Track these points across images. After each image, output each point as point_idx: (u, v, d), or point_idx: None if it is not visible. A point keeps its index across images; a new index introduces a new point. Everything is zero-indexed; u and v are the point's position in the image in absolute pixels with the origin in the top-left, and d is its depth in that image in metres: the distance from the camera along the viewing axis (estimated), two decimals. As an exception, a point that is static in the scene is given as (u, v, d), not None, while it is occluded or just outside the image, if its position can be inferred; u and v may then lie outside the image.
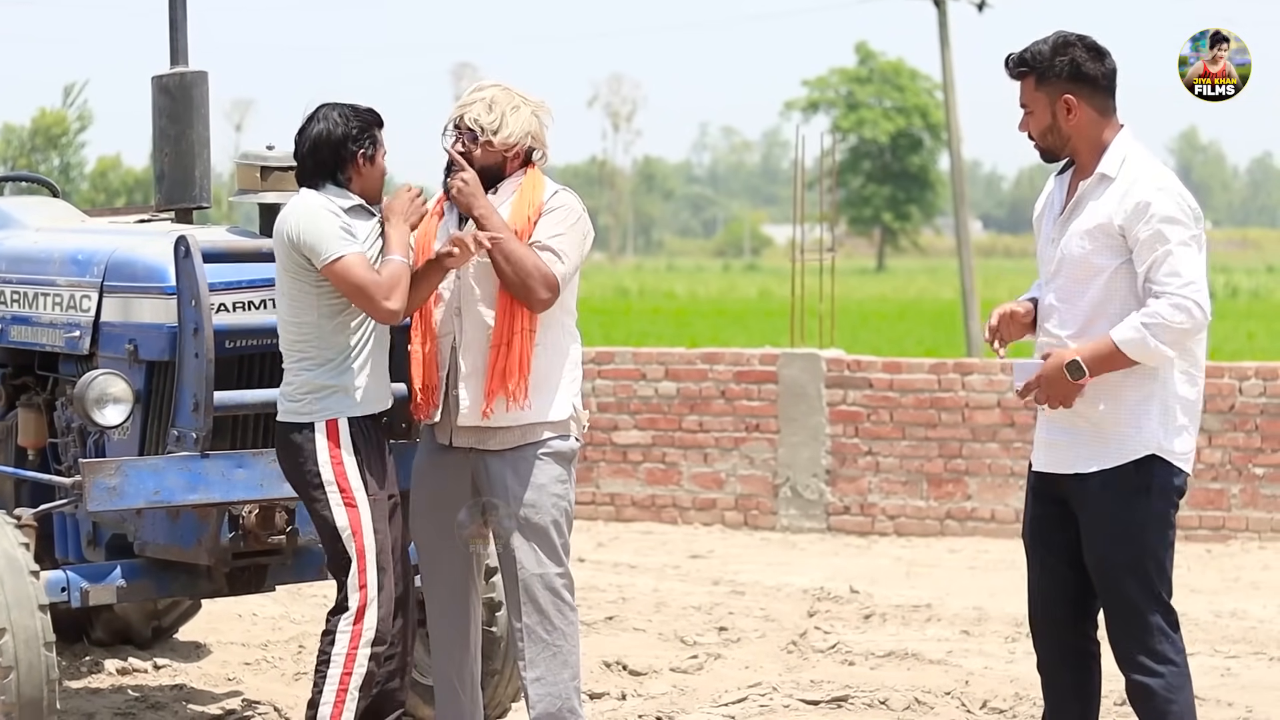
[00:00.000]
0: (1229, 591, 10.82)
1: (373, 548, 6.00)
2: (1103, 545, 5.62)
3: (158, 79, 7.10)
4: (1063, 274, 5.65)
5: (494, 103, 6.17)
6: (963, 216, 28.47)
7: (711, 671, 8.55)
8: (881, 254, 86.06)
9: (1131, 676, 5.64)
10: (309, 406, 5.99)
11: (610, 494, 13.34)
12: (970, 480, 12.65)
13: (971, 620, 9.85)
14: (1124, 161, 5.62)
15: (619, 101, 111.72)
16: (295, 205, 6.02)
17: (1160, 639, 5.61)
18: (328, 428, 5.98)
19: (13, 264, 7.02)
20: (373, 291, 5.87)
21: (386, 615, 6.03)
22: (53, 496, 6.60)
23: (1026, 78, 5.66)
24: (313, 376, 5.99)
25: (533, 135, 6.21)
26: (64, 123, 59.43)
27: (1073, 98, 5.62)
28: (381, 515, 6.04)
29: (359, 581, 6.00)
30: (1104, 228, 5.58)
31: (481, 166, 6.18)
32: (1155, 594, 5.62)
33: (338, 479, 5.98)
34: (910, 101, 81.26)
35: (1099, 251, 5.59)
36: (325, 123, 6.05)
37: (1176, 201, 5.56)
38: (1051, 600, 5.82)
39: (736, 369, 13.09)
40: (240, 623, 9.43)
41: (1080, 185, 5.67)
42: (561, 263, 6.08)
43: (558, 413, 6.19)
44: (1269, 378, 12.24)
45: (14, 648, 5.97)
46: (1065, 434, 5.67)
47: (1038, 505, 5.82)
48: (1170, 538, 5.67)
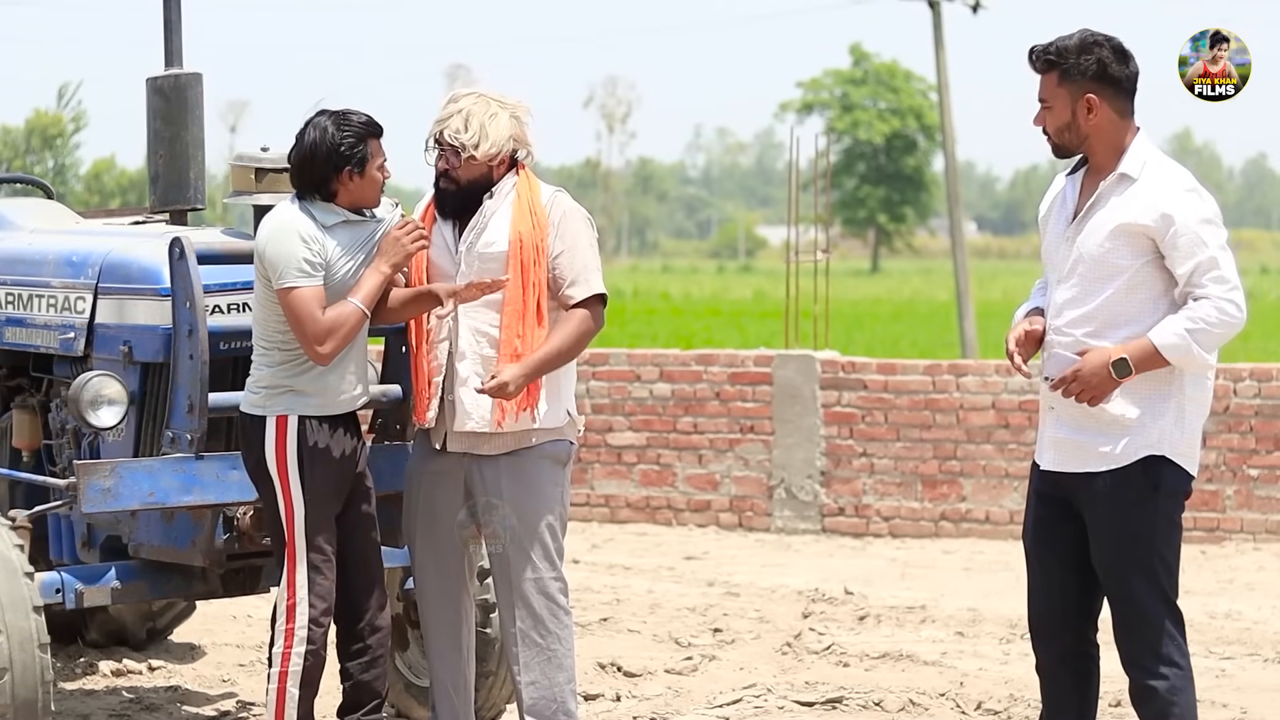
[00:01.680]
0: (1224, 593, 10.82)
1: (304, 546, 6.06)
2: (1110, 547, 5.61)
3: (152, 80, 7.09)
4: (1078, 273, 5.63)
5: (470, 116, 6.13)
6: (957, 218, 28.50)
7: (706, 673, 8.55)
8: (876, 255, 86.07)
9: (1134, 676, 5.63)
10: (264, 400, 6.07)
11: (605, 495, 13.34)
12: (965, 481, 12.66)
13: (966, 621, 9.85)
14: (1145, 164, 5.60)
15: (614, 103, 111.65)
16: (270, 220, 6.07)
17: (1166, 641, 5.60)
18: (277, 423, 6.05)
19: (7, 266, 7.01)
20: (309, 330, 5.93)
21: (320, 612, 6.08)
22: (47, 498, 6.59)
23: (1050, 72, 5.63)
24: (271, 374, 6.07)
25: (514, 138, 6.19)
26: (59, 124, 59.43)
27: (1095, 97, 5.59)
28: (322, 515, 6.09)
29: (288, 580, 6.07)
30: (1127, 228, 5.55)
31: (467, 180, 6.18)
32: (1163, 596, 5.61)
33: (279, 474, 6.05)
34: (905, 103, 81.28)
35: (1119, 251, 5.57)
36: (315, 132, 6.05)
37: (1209, 203, 5.58)
38: (1052, 603, 5.81)
39: (731, 370, 13.09)
40: (235, 624, 9.43)
41: (1099, 185, 5.64)
42: (594, 275, 6.13)
43: (554, 419, 6.20)
44: (1263, 379, 12.25)
45: (9, 649, 5.96)
46: (1074, 432, 5.65)
47: (1041, 507, 5.80)
48: (1177, 540, 5.67)
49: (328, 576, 6.10)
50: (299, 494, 6.05)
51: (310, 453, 6.05)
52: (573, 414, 6.26)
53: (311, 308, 5.93)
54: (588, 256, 6.15)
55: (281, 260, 5.95)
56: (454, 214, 6.21)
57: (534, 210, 6.13)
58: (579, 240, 6.16)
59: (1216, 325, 5.48)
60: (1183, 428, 5.61)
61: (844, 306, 37.90)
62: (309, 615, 6.07)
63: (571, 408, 6.26)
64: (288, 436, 6.04)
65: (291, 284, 5.93)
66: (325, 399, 6.08)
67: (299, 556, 6.06)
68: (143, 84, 7.11)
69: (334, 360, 6.03)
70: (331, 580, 6.12)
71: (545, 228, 6.12)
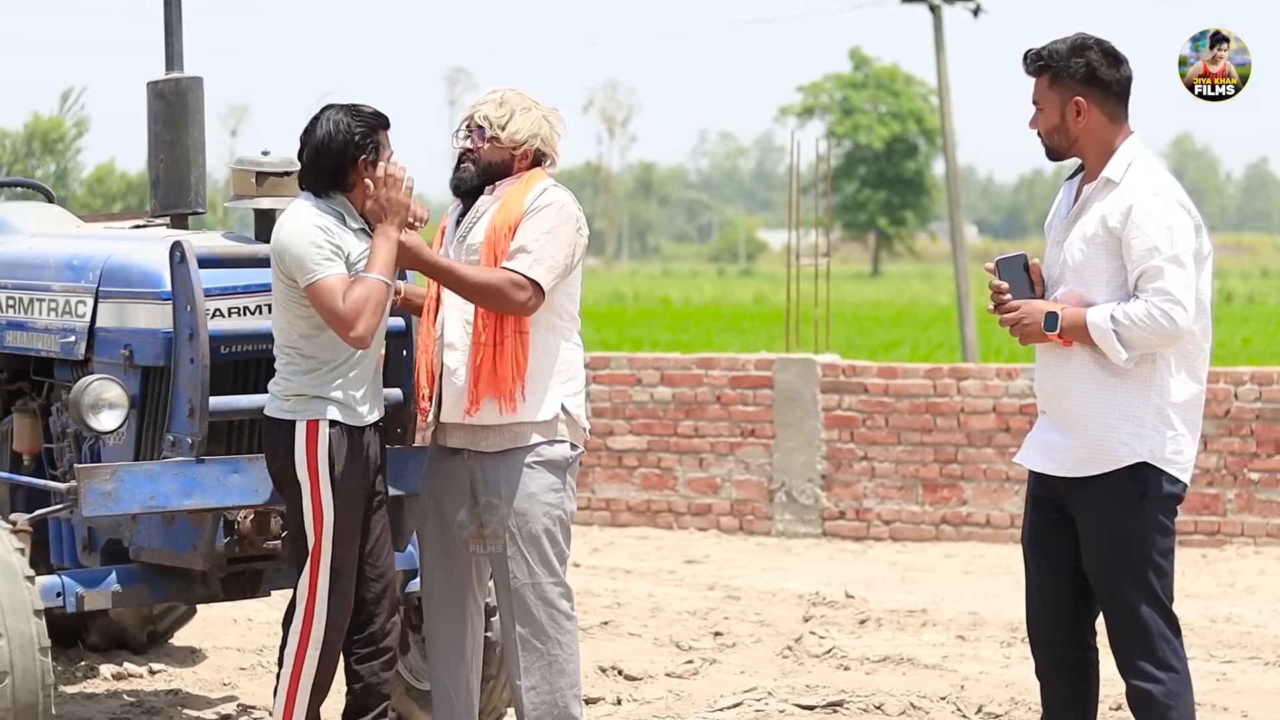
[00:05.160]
0: (1224, 596, 10.82)
1: (329, 552, 6.04)
2: (1101, 552, 5.61)
3: (153, 84, 7.09)
4: (1067, 278, 5.66)
5: (504, 101, 6.21)
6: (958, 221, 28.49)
7: (707, 676, 8.55)
8: (877, 259, 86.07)
9: (1132, 682, 5.63)
10: (293, 406, 6.04)
11: (606, 499, 13.34)
12: (965, 485, 12.66)
13: (967, 625, 9.85)
14: (1129, 167, 5.61)
15: (614, 107, 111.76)
16: (288, 217, 6.02)
17: (1161, 645, 5.60)
18: (308, 428, 6.02)
19: (8, 269, 7.01)
20: (341, 316, 5.87)
21: (338, 619, 6.07)
22: (48, 502, 6.60)
23: (1042, 75, 5.66)
24: (299, 382, 6.03)
25: (542, 139, 6.21)
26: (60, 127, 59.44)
27: (1083, 100, 5.61)
28: (350, 519, 6.07)
29: (310, 582, 6.05)
30: (1101, 231, 5.58)
31: (488, 163, 6.20)
32: (1156, 600, 5.60)
33: (310, 479, 6.01)
34: (905, 107, 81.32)
35: (1098, 254, 5.59)
36: (328, 126, 6.02)
37: (1177, 212, 5.56)
38: (1051, 607, 5.81)
39: (732, 374, 13.09)
40: (236, 628, 9.43)
41: (1085, 189, 5.67)
42: (532, 258, 6.01)
43: (545, 413, 6.15)
44: (1264, 382, 12.25)
45: (9, 653, 5.96)
46: (1063, 436, 5.67)
47: (1037, 511, 5.81)
48: (1169, 544, 5.65)
49: (349, 581, 6.09)
50: (329, 498, 6.02)
51: (340, 457, 6.03)
52: (573, 414, 6.21)
53: (338, 295, 5.88)
54: (537, 241, 6.04)
55: (306, 254, 5.89)
56: (466, 195, 6.23)
57: (516, 202, 6.11)
58: (540, 226, 6.06)
59: (1144, 328, 5.49)
60: (1167, 434, 5.59)
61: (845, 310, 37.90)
62: (328, 619, 6.05)
63: (572, 406, 6.20)
64: (319, 441, 6.01)
65: (318, 275, 5.88)
66: (353, 405, 6.06)
67: (323, 560, 6.04)
68: (143, 88, 7.11)
69: (354, 369, 6.00)
70: (351, 585, 6.10)
71: (519, 218, 6.09)
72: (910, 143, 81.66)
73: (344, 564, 6.07)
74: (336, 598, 6.06)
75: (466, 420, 6.14)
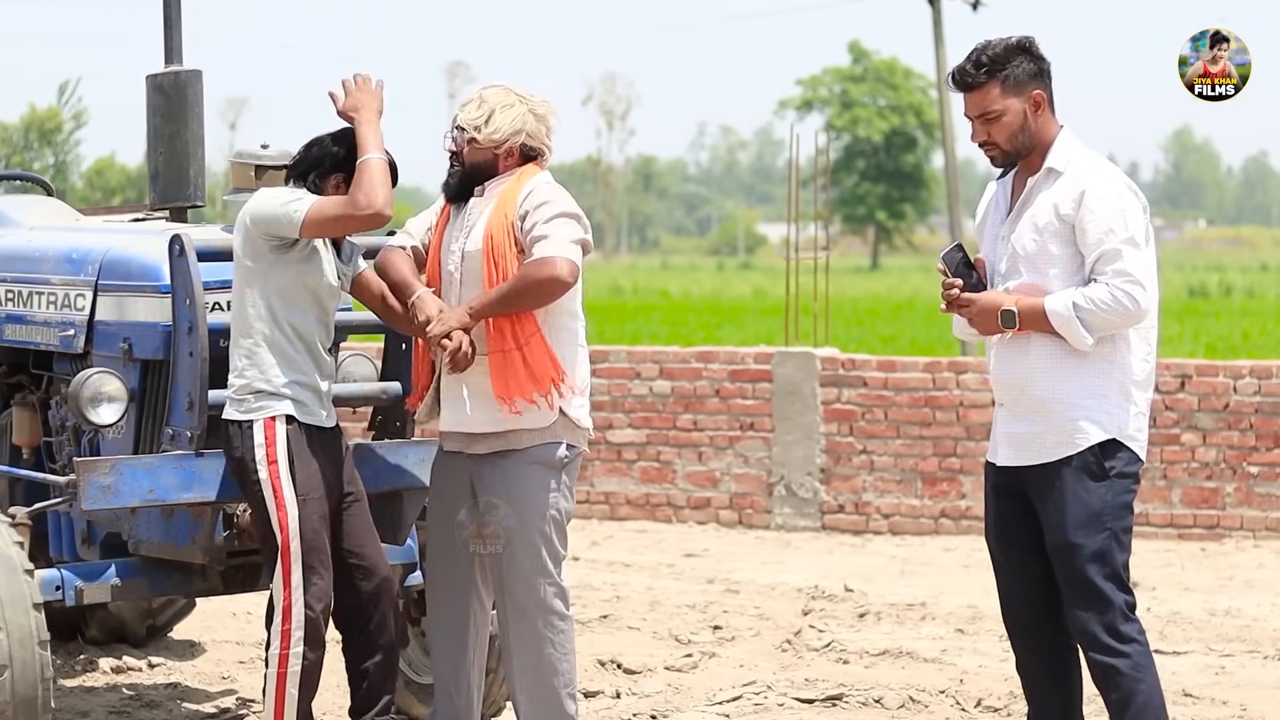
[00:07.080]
0: (1223, 590, 10.83)
1: (298, 547, 6.06)
2: (1067, 530, 5.69)
3: (152, 77, 7.09)
4: (1020, 268, 5.73)
5: (484, 100, 6.16)
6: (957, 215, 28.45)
7: (706, 670, 8.55)
8: (876, 252, 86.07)
9: (1096, 657, 5.69)
10: (249, 406, 6.08)
11: (605, 493, 13.34)
12: (964, 479, 12.66)
13: (966, 619, 9.85)
14: (1071, 158, 5.71)
15: (613, 100, 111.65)
16: (252, 198, 6.13)
17: (1123, 620, 5.69)
18: (265, 425, 6.07)
19: (7, 263, 7.02)
20: (351, 207, 5.94)
21: (318, 613, 6.08)
22: (47, 495, 6.59)
23: (989, 84, 5.69)
24: (254, 381, 6.08)
25: (528, 133, 6.16)
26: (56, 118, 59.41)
27: (1041, 93, 5.70)
28: (316, 514, 6.09)
29: (284, 581, 6.07)
30: (1053, 219, 5.66)
31: (471, 164, 6.17)
32: (1117, 576, 5.70)
33: (270, 478, 6.05)
34: (904, 100, 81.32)
35: (1051, 241, 5.68)
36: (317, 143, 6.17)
37: (1128, 195, 5.66)
38: (1024, 599, 5.90)
39: (731, 367, 13.09)
40: (235, 621, 9.43)
41: (1029, 181, 5.74)
42: (552, 240, 5.96)
43: (538, 419, 6.12)
44: (1263, 376, 12.25)
45: (8, 646, 5.96)
46: (1030, 424, 5.74)
47: (1001, 503, 5.89)
48: (1130, 522, 5.77)
49: (324, 576, 6.10)
50: (291, 494, 6.05)
51: (299, 452, 6.06)
52: (573, 415, 6.16)
53: (334, 198, 5.99)
54: (555, 224, 6.00)
55: (278, 204, 6.00)
56: (453, 198, 6.21)
57: (509, 203, 6.09)
58: (546, 210, 6.02)
59: (1107, 311, 5.58)
60: (1131, 411, 5.69)
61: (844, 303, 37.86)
62: (306, 616, 6.06)
63: (571, 410, 6.16)
64: (277, 438, 6.06)
65: (302, 206, 5.97)
66: (310, 405, 6.11)
67: (293, 557, 6.06)
68: (143, 81, 7.11)
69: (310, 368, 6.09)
70: (329, 580, 6.11)
71: (514, 218, 6.06)
72: (909, 136, 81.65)
73: (317, 559, 6.08)
74: (313, 593, 6.07)
75: (466, 428, 6.13)
